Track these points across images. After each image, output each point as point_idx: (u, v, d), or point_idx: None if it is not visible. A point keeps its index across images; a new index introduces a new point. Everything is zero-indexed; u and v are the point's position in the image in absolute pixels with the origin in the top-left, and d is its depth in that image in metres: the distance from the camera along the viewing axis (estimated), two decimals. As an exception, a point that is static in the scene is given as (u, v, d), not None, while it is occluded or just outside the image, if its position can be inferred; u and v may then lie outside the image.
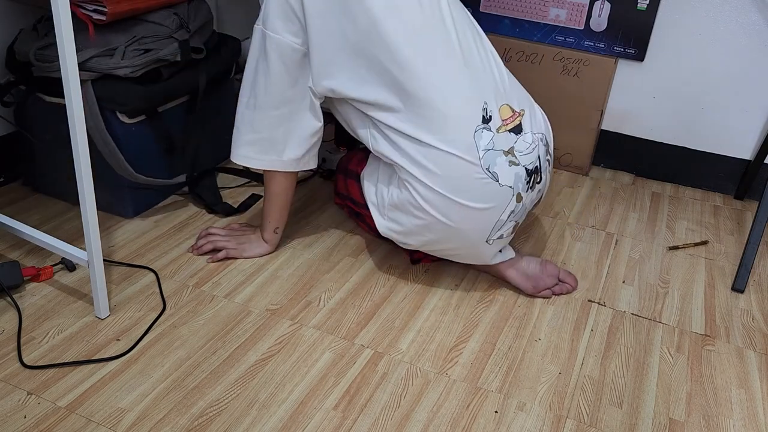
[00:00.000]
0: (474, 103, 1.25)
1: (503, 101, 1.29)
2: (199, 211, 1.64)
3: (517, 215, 1.31)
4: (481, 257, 1.35)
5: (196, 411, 1.07)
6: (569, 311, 1.37)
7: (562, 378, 1.20)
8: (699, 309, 1.42)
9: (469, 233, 1.28)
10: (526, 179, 1.29)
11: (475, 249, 1.32)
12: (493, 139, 1.25)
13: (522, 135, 1.30)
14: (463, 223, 1.26)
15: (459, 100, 1.24)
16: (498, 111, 1.27)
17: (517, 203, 1.29)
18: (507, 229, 1.32)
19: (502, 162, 1.25)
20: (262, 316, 1.29)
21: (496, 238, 1.31)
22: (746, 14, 1.75)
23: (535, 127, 1.33)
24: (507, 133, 1.27)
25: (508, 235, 1.34)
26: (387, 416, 1.09)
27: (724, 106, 1.86)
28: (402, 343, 1.25)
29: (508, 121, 1.28)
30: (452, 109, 1.23)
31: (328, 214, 1.68)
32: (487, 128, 1.25)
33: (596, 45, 1.91)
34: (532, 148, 1.31)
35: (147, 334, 1.22)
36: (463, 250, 1.33)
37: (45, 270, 1.34)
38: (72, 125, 1.07)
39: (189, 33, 1.55)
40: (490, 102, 1.26)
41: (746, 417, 1.14)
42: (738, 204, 1.91)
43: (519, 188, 1.28)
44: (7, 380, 1.10)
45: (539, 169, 1.33)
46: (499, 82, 1.30)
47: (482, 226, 1.28)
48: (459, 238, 1.28)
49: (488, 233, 1.29)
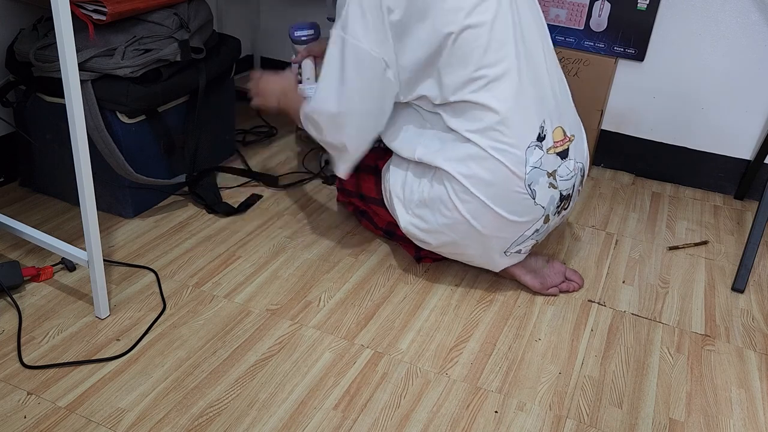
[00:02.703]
0: (534, 119, 1.24)
1: (558, 123, 1.29)
2: (199, 211, 1.64)
3: (539, 235, 1.34)
4: (492, 265, 1.38)
5: (196, 411, 1.07)
6: (569, 311, 1.37)
7: (562, 378, 1.20)
8: (699, 309, 1.42)
9: (492, 241, 1.30)
10: (558, 204, 1.31)
11: (490, 257, 1.34)
12: (542, 158, 1.25)
13: (566, 161, 1.30)
14: (491, 230, 1.27)
15: (522, 113, 1.23)
16: (552, 132, 1.27)
17: (544, 224, 1.31)
18: (526, 245, 1.35)
19: (543, 182, 1.26)
20: (262, 316, 1.29)
21: (514, 251, 1.34)
22: (746, 14, 1.75)
23: (578, 156, 1.34)
24: (555, 155, 1.28)
25: (525, 251, 1.37)
26: (387, 416, 1.09)
27: (724, 106, 1.86)
28: (402, 343, 1.25)
29: (558, 144, 1.29)
30: (514, 121, 1.22)
31: (328, 214, 1.68)
32: (540, 146, 1.25)
33: (596, 45, 1.91)
34: (571, 175, 1.32)
35: (147, 334, 1.22)
36: (478, 258, 1.35)
37: (45, 270, 1.34)
38: (72, 125, 1.07)
39: (189, 33, 1.55)
40: (547, 121, 1.26)
41: (746, 417, 1.14)
42: (738, 204, 1.90)
43: (550, 210, 1.30)
44: (7, 380, 1.10)
45: (571, 196, 1.35)
46: (560, 101, 1.31)
47: (507, 236, 1.30)
48: (480, 244, 1.30)
49: (509, 245, 1.32)
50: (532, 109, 1.24)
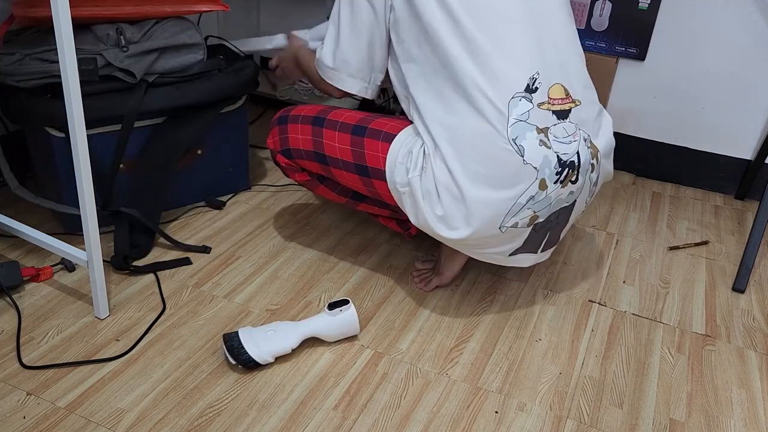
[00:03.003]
0: (526, 65, 1.14)
1: (557, 80, 1.18)
2: (199, 211, 1.64)
3: (537, 205, 1.17)
4: (496, 254, 1.25)
5: (196, 411, 1.07)
6: (570, 311, 1.37)
7: (563, 378, 1.19)
8: (699, 309, 1.41)
9: (483, 212, 1.15)
10: (557, 168, 1.15)
11: (489, 236, 1.19)
12: (530, 111, 1.14)
13: (564, 122, 1.17)
14: (476, 202, 1.14)
15: (508, 55, 1.14)
16: (548, 87, 1.16)
17: (540, 190, 1.15)
18: (523, 217, 1.17)
19: (532, 137, 1.13)
20: (262, 316, 1.29)
21: (510, 225, 1.18)
22: (747, 14, 1.75)
23: (584, 126, 1.21)
24: (549, 112, 1.16)
25: (523, 225, 1.19)
26: (387, 416, 1.08)
27: (725, 105, 1.86)
28: (402, 344, 1.25)
29: (557, 102, 1.17)
30: (497, 60, 1.13)
31: (328, 214, 1.67)
32: (527, 98, 1.14)
33: (597, 44, 1.91)
34: (571, 139, 1.17)
35: (147, 335, 1.22)
36: (475, 237, 1.19)
37: (44, 270, 1.34)
38: (72, 127, 1.07)
39: (124, 52, 1.40)
40: (542, 73, 1.15)
41: (747, 417, 1.14)
42: (739, 204, 1.90)
43: (545, 174, 1.15)
44: (6, 380, 1.10)
45: (577, 166, 1.18)
46: (565, 60, 1.20)
47: (497, 211, 1.15)
48: (471, 218, 1.16)
49: (501, 218, 1.16)
50: (521, 52, 1.15)
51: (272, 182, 1.81)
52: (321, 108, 1.35)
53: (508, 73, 1.13)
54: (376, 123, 1.27)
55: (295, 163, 1.37)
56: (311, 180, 1.41)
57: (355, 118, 1.30)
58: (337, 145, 1.29)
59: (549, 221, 1.22)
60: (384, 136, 1.25)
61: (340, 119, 1.30)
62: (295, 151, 1.35)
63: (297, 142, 1.34)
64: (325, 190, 1.42)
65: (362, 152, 1.26)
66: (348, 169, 1.29)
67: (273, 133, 1.39)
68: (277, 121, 1.39)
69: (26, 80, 1.35)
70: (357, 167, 1.27)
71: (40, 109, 1.34)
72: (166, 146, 1.49)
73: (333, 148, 1.29)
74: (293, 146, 1.35)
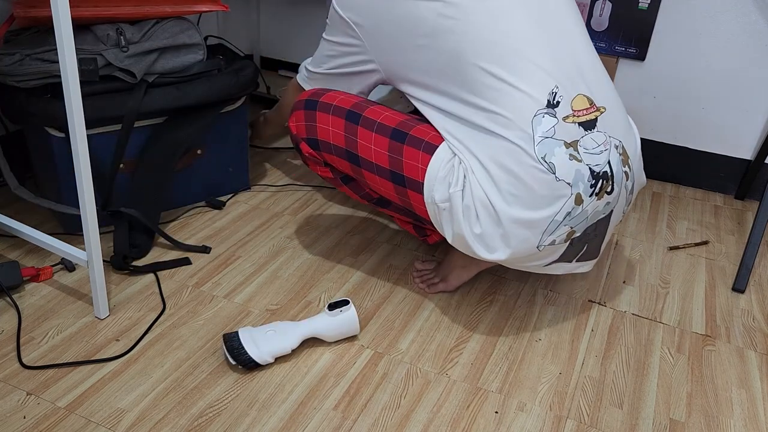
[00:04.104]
0: (543, 82, 1.12)
1: (579, 91, 1.15)
2: (198, 211, 1.64)
3: (574, 221, 1.15)
4: (531, 266, 1.22)
5: (196, 411, 1.07)
6: (569, 311, 1.37)
7: (563, 378, 1.19)
8: (699, 309, 1.41)
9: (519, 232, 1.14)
10: (590, 181, 1.13)
11: (527, 256, 1.17)
12: (555, 126, 1.11)
13: (592, 133, 1.14)
14: (512, 222, 1.12)
15: (526, 72, 1.12)
16: (570, 100, 1.13)
17: (576, 205, 1.13)
18: (560, 234, 1.15)
19: (561, 153, 1.11)
20: (262, 316, 1.29)
21: (548, 244, 1.15)
22: (747, 14, 1.75)
23: (612, 131, 1.17)
24: (575, 125, 1.13)
25: (560, 241, 1.17)
26: (387, 416, 1.08)
27: (725, 105, 1.86)
28: (402, 344, 1.25)
29: (581, 113, 1.14)
30: (516, 80, 1.11)
31: (328, 214, 1.67)
32: (551, 113, 1.11)
33: (597, 44, 1.91)
34: (601, 149, 1.14)
35: (146, 335, 1.22)
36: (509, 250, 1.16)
37: (44, 270, 1.34)
38: (72, 127, 1.07)
39: (124, 52, 1.39)
40: (562, 87, 1.13)
41: (747, 417, 1.14)
42: (738, 204, 1.90)
43: (579, 188, 1.12)
44: (6, 380, 1.10)
45: (610, 176, 1.16)
46: (583, 68, 1.17)
47: (534, 231, 1.13)
48: (507, 236, 1.14)
49: (539, 238, 1.14)
50: (538, 68, 1.13)
51: (272, 182, 1.81)
52: (355, 101, 1.26)
53: (527, 92, 1.11)
54: (417, 130, 1.19)
55: (320, 156, 1.30)
56: (334, 178, 1.35)
57: (395, 121, 1.21)
58: (372, 148, 1.21)
59: (586, 234, 1.19)
60: (425, 146, 1.17)
61: (378, 119, 1.22)
62: (323, 143, 1.26)
63: (326, 134, 1.25)
64: (349, 191, 1.37)
65: (400, 160, 1.18)
66: (382, 175, 1.22)
67: (297, 116, 1.29)
68: (303, 104, 1.29)
69: (26, 80, 1.36)
70: (392, 174, 1.20)
71: (40, 109, 1.34)
72: (166, 146, 1.49)
73: (368, 149, 1.22)
74: (322, 138, 1.26)
